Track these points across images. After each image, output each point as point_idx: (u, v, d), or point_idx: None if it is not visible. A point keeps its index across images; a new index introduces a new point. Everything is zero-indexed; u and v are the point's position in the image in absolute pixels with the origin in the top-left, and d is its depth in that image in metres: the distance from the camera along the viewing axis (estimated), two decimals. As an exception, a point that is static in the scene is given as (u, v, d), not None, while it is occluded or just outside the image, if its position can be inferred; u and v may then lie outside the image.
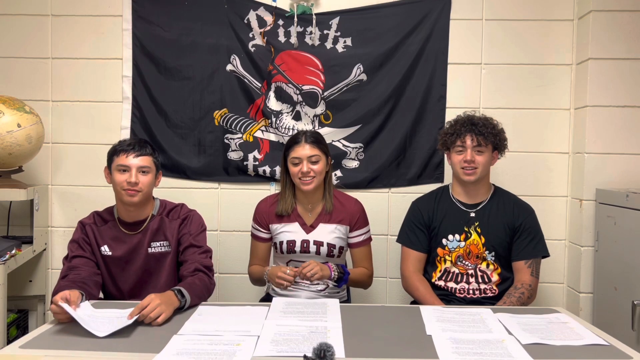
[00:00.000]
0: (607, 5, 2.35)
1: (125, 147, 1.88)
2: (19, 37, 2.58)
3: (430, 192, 2.22)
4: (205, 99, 2.58)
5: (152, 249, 1.93)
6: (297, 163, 2.02)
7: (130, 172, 1.86)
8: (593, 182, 2.38)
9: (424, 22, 2.52)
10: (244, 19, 2.54)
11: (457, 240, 2.06)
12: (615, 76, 2.36)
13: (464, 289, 2.03)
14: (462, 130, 2.02)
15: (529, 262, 2.01)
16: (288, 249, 2.07)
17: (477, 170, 2.01)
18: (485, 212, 2.07)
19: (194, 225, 1.98)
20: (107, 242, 1.92)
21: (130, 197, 1.87)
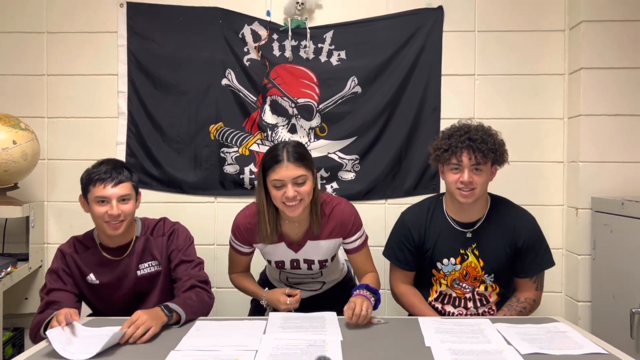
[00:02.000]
0: (598, 15, 2.37)
1: (102, 176, 1.74)
2: (15, 54, 2.58)
3: (420, 205, 1.99)
4: (200, 113, 2.59)
5: (142, 270, 1.84)
6: (280, 186, 1.73)
7: (110, 203, 1.74)
8: (588, 191, 2.39)
9: (417, 34, 2.54)
10: (239, 34, 2.56)
11: (453, 264, 1.88)
12: (608, 85, 2.38)
13: (461, 314, 1.91)
14: (459, 147, 1.78)
15: (534, 278, 1.89)
16: (277, 266, 1.95)
17: (475, 191, 1.79)
18: (484, 232, 1.87)
19: (181, 239, 1.89)
20: (92, 270, 1.82)
21: (114, 229, 1.76)
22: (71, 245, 1.85)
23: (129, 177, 1.80)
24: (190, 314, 1.68)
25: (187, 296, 1.75)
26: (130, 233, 1.86)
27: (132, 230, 1.86)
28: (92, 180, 1.75)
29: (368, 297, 1.71)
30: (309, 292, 2.03)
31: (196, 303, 1.74)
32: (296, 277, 2.01)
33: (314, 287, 2.03)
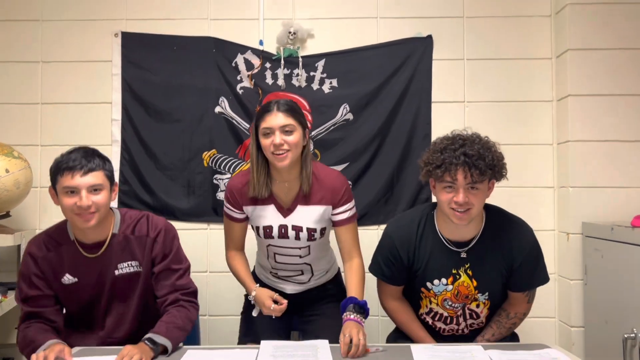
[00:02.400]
0: (583, 44, 2.42)
1: (70, 164, 1.59)
2: (9, 83, 2.61)
3: (410, 220, 1.83)
4: (194, 141, 2.60)
5: (120, 270, 1.71)
6: (269, 134, 1.78)
7: (79, 193, 1.59)
8: (579, 216, 2.40)
9: (407, 62, 2.58)
10: (232, 62, 2.60)
11: (444, 284, 1.78)
12: (595, 111, 2.41)
13: (453, 329, 1.88)
14: (453, 163, 1.61)
15: (526, 292, 1.82)
16: (265, 234, 1.91)
17: (470, 211, 1.66)
18: (479, 253, 1.75)
19: (167, 243, 1.77)
20: (67, 270, 1.69)
21: (85, 222, 1.61)
22: (41, 246, 1.71)
23: (101, 165, 1.65)
24: (175, 341, 1.63)
25: (171, 320, 1.67)
26: (107, 228, 1.71)
27: (108, 224, 1.72)
28: (60, 170, 1.61)
29: (360, 322, 1.69)
30: (298, 285, 2.00)
31: (180, 324, 1.67)
32: (284, 268, 1.98)
33: (302, 279, 2.00)
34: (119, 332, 1.77)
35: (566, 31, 2.44)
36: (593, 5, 2.42)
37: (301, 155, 1.86)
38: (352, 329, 1.64)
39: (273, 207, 1.89)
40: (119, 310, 1.77)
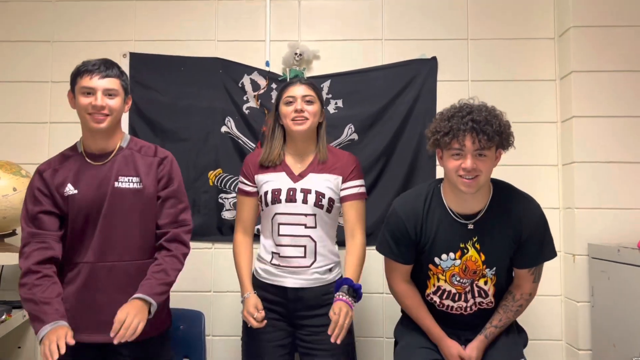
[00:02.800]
0: (587, 66, 2.44)
1: (90, 68, 1.72)
2: (18, 102, 2.65)
3: (416, 194, 1.84)
4: (200, 160, 2.62)
5: (120, 183, 1.76)
6: (291, 102, 1.93)
7: (95, 95, 1.71)
8: (585, 237, 2.39)
9: (412, 83, 2.60)
10: (239, 83, 2.63)
11: (452, 259, 1.77)
12: (599, 132, 2.42)
13: (461, 307, 1.85)
14: (461, 129, 1.61)
15: (532, 269, 1.80)
16: (273, 199, 1.93)
17: (478, 178, 1.65)
18: (486, 225, 1.74)
19: (175, 169, 1.85)
20: (70, 179, 1.75)
21: (97, 122, 1.72)
22: (50, 162, 1.82)
23: (119, 74, 1.77)
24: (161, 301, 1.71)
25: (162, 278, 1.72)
26: (115, 140, 1.81)
27: (117, 137, 1.82)
28: (80, 72, 1.74)
29: (351, 305, 1.77)
30: (298, 276, 1.95)
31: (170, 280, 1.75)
32: (287, 243, 1.93)
33: (304, 263, 1.94)
34: (114, 254, 1.76)
35: (570, 53, 2.46)
36: (596, 28, 2.44)
37: (317, 132, 1.99)
38: (342, 309, 1.72)
39: (284, 174, 1.97)
40: (117, 229, 1.76)
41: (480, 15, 2.64)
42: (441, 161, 1.75)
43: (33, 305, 1.66)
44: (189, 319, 2.31)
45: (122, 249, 1.78)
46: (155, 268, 1.75)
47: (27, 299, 1.68)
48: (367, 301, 2.56)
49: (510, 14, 2.62)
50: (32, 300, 1.66)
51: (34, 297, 1.66)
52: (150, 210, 1.81)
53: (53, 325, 1.61)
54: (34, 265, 1.70)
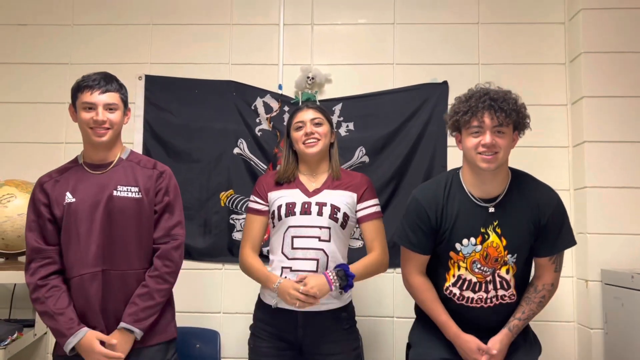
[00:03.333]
0: (598, 91, 2.45)
1: (90, 83, 1.78)
2: (36, 123, 2.71)
3: (436, 182, 1.88)
4: (212, 181, 2.65)
5: (119, 192, 1.80)
6: (301, 127, 1.98)
7: (96, 110, 1.77)
8: (598, 263, 2.37)
9: (423, 107, 2.62)
10: (251, 106, 2.66)
11: (473, 244, 1.77)
12: (611, 157, 2.42)
13: (481, 299, 1.81)
14: (479, 107, 1.68)
15: (553, 258, 1.81)
16: (287, 211, 1.93)
17: (498, 155, 1.69)
18: (506, 208, 1.77)
19: (173, 183, 1.90)
20: (70, 188, 1.80)
21: (99, 136, 1.79)
22: (51, 174, 1.87)
23: (118, 88, 1.83)
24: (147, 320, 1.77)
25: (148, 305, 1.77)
26: (115, 151, 1.87)
27: (117, 149, 1.88)
28: (80, 88, 1.80)
29: (331, 284, 1.81)
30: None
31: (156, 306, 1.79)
32: (300, 256, 1.91)
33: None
34: (111, 262, 1.79)
35: (581, 79, 2.47)
36: (607, 54, 2.46)
37: (329, 152, 2.04)
38: (319, 283, 1.80)
39: (298, 190, 1.99)
40: (115, 237, 1.79)
41: (491, 40, 2.66)
42: (460, 145, 1.80)
43: (50, 320, 1.74)
44: (205, 338, 2.32)
45: (119, 257, 1.81)
46: (141, 290, 1.80)
47: (43, 313, 1.76)
48: (377, 325, 2.54)
49: (521, 40, 2.65)
50: (47, 313, 1.74)
51: (48, 309, 1.74)
52: (147, 220, 1.85)
53: (77, 337, 1.71)
54: (40, 280, 1.77)
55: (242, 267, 2.05)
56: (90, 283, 1.77)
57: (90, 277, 1.77)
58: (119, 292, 1.80)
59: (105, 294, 1.78)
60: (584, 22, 2.49)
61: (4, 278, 2.32)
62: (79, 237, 1.78)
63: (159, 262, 1.83)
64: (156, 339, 1.83)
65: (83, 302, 1.78)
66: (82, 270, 1.77)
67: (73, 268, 1.79)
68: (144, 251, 1.84)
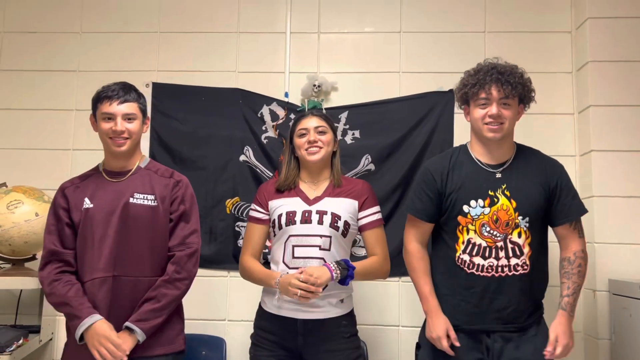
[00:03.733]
0: (604, 100, 2.45)
1: (109, 94, 1.82)
2: (43, 129, 2.73)
3: (445, 153, 1.98)
4: (218, 188, 2.65)
5: (135, 199, 1.84)
6: (304, 134, 1.99)
7: (115, 120, 1.81)
8: (605, 273, 2.35)
9: (429, 115, 2.62)
10: (258, 113, 2.67)
11: (481, 206, 1.80)
12: (618, 166, 2.41)
13: (492, 266, 1.79)
14: (487, 80, 1.77)
15: (573, 224, 1.84)
16: (287, 220, 1.93)
17: (503, 125, 1.79)
18: (513, 171, 1.83)
19: (189, 193, 1.92)
20: (88, 194, 1.85)
21: (118, 146, 1.83)
22: (73, 180, 1.93)
23: (136, 98, 1.87)
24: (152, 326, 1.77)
25: (156, 308, 1.77)
26: (134, 160, 1.91)
27: (136, 157, 1.92)
28: (100, 98, 1.84)
29: (332, 271, 1.80)
30: (308, 312, 1.88)
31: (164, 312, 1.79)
32: (301, 266, 1.88)
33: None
34: (123, 268, 1.81)
35: (588, 87, 2.47)
36: (614, 63, 2.45)
37: (331, 160, 2.04)
38: (320, 270, 1.79)
39: (299, 198, 1.99)
40: (129, 244, 1.82)
41: (497, 49, 2.65)
42: (468, 117, 1.89)
43: (65, 307, 1.77)
44: (211, 344, 2.32)
45: (131, 263, 1.82)
46: (149, 293, 1.81)
47: (59, 303, 1.78)
48: (383, 334, 2.53)
49: (527, 49, 2.65)
50: (63, 301, 1.77)
51: (64, 299, 1.76)
52: (162, 228, 1.87)
53: (92, 319, 1.73)
54: (55, 275, 1.81)
55: (241, 272, 2.05)
56: (99, 287, 1.79)
57: (100, 281, 1.79)
58: (128, 299, 1.80)
59: (113, 300, 1.79)
60: (591, 31, 2.49)
61: (11, 284, 2.34)
62: (93, 242, 1.81)
63: (171, 267, 1.84)
64: (164, 350, 1.82)
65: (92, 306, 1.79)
66: (94, 275, 1.79)
67: (85, 272, 1.81)
68: (157, 259, 1.85)
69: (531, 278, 1.82)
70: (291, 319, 1.90)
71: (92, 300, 1.79)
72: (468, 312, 1.83)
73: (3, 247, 2.28)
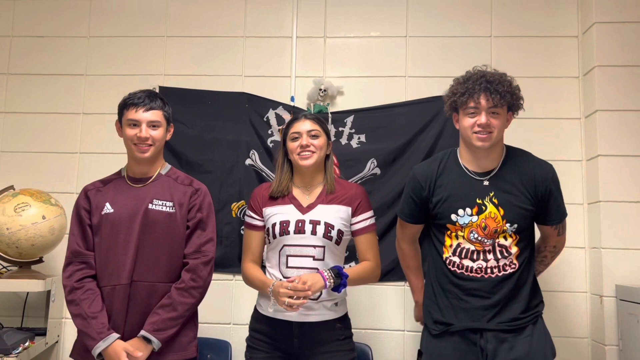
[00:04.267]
0: (611, 105, 2.44)
1: (135, 101, 1.85)
2: (51, 133, 2.74)
3: (432, 159, 1.99)
4: (223, 192, 2.66)
5: (154, 205, 1.86)
6: (297, 137, 1.96)
7: (140, 126, 1.84)
8: (612, 278, 2.34)
9: (435, 120, 2.62)
10: (264, 117, 2.68)
11: (469, 214, 1.82)
12: (625, 171, 2.40)
13: (481, 268, 1.82)
14: (476, 89, 1.77)
15: (554, 225, 1.91)
16: (281, 230, 1.93)
17: (492, 134, 1.79)
18: (501, 179, 1.84)
19: (207, 200, 1.93)
20: (110, 199, 1.88)
21: (142, 152, 1.86)
22: (95, 183, 1.96)
23: (162, 106, 1.90)
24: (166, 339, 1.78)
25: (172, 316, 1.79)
26: (156, 166, 1.94)
27: (158, 164, 1.95)
28: (126, 105, 1.87)
29: (326, 279, 1.80)
30: (304, 310, 1.87)
31: (180, 319, 1.81)
32: (295, 265, 1.91)
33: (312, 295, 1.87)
34: (141, 273, 1.83)
35: (595, 92, 2.46)
36: (620, 67, 2.45)
37: (324, 164, 2.02)
38: (313, 278, 1.79)
39: (292, 206, 1.97)
40: (146, 250, 1.84)
41: (503, 53, 2.66)
42: (457, 124, 1.89)
43: (82, 321, 1.78)
44: (217, 348, 2.32)
45: (149, 269, 1.84)
46: (164, 301, 1.82)
47: (76, 314, 1.80)
48: (387, 338, 2.53)
49: (533, 53, 2.64)
50: (81, 315, 1.78)
51: (82, 312, 1.78)
52: (179, 235, 1.89)
53: (106, 342, 1.74)
54: (77, 283, 1.83)
55: (244, 278, 2.05)
56: (118, 293, 1.81)
57: (120, 288, 1.81)
58: (144, 305, 1.82)
59: (130, 306, 1.81)
60: (597, 36, 2.48)
61: (18, 286, 2.35)
62: (116, 249, 1.84)
63: (187, 275, 1.85)
64: (176, 356, 1.83)
65: (108, 312, 1.81)
66: (114, 281, 1.82)
67: (105, 277, 1.84)
68: (174, 266, 1.87)
69: (520, 277, 1.83)
70: (286, 322, 1.91)
71: (109, 306, 1.81)
72: (460, 311, 1.84)
73: (10, 250, 2.30)
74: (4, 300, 2.58)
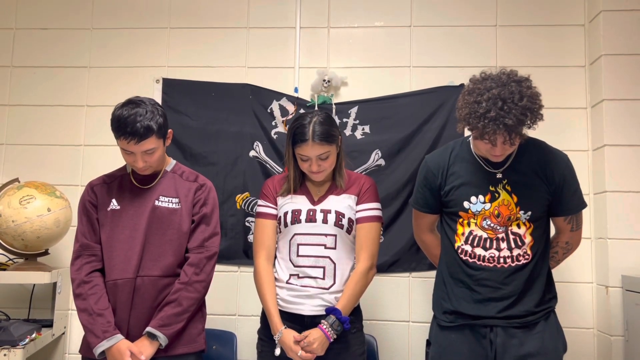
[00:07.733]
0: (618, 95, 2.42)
1: (127, 135, 1.75)
2: (54, 125, 2.75)
3: (445, 147, 1.94)
4: (228, 184, 2.66)
5: (160, 202, 1.88)
6: (306, 160, 1.91)
7: (135, 156, 1.80)
8: (618, 269, 2.33)
9: (440, 110, 2.61)
10: (267, 109, 2.67)
11: (482, 202, 1.79)
12: (632, 162, 2.38)
13: (493, 257, 1.78)
14: (493, 129, 1.60)
15: (568, 219, 1.84)
16: (293, 219, 1.94)
17: (506, 154, 1.75)
18: (515, 168, 1.79)
19: (212, 196, 1.94)
20: (116, 196, 1.89)
21: (141, 172, 1.87)
22: (100, 178, 1.96)
23: (155, 131, 1.78)
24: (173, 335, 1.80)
25: (176, 312, 1.80)
26: (160, 166, 1.93)
27: (162, 163, 1.94)
28: (117, 134, 1.79)
29: (329, 337, 1.81)
30: (317, 301, 1.89)
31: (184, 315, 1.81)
32: (306, 264, 1.91)
33: (323, 284, 1.90)
34: (147, 269, 1.84)
35: (601, 81, 2.44)
36: (627, 56, 2.42)
37: (335, 161, 1.98)
38: (319, 338, 1.80)
39: (304, 197, 1.99)
40: (152, 246, 1.85)
41: (509, 43, 2.64)
42: (473, 138, 1.80)
43: (87, 317, 1.79)
44: (222, 339, 2.33)
45: (155, 264, 1.85)
46: (170, 297, 1.82)
47: (82, 309, 1.81)
48: (392, 329, 2.53)
49: (539, 42, 2.62)
50: (87, 310, 1.79)
51: (88, 307, 1.79)
52: (183, 230, 1.89)
53: (110, 342, 1.75)
54: (86, 277, 1.84)
55: (255, 275, 2.01)
56: (122, 288, 1.82)
57: (124, 282, 1.82)
58: (148, 299, 1.83)
59: (135, 301, 1.82)
60: (604, 24, 2.45)
61: (24, 278, 2.36)
62: (122, 244, 1.85)
63: (190, 269, 1.85)
64: (185, 349, 1.84)
65: (112, 305, 1.83)
66: (119, 276, 1.82)
67: (111, 272, 1.84)
68: (177, 260, 1.88)
69: (534, 268, 1.79)
70: (298, 315, 1.91)
71: (113, 301, 1.82)
72: (472, 301, 1.81)
73: (16, 242, 2.31)
74: (10, 292, 2.60)
